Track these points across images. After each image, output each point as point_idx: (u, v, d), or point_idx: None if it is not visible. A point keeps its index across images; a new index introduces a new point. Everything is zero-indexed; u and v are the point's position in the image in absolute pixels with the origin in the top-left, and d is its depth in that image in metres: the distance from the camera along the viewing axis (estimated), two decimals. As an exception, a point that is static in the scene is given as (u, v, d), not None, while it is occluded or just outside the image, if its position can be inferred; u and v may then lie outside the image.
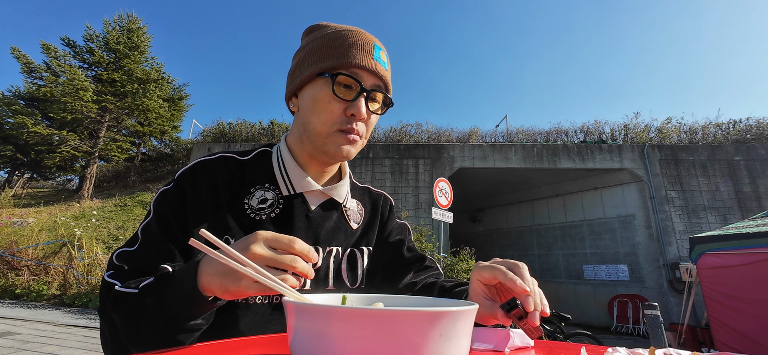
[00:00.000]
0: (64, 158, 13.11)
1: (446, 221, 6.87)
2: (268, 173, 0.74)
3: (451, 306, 0.34)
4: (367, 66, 0.66)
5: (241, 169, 0.73)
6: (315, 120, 0.68)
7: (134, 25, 14.50)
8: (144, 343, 0.51)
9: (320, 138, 0.68)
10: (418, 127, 12.47)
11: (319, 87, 0.67)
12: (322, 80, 0.67)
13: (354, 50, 0.67)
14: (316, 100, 0.68)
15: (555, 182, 11.33)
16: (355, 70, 0.66)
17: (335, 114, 0.67)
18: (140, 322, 0.51)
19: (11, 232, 8.75)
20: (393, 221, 0.92)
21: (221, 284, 0.47)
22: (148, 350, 0.50)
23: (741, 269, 4.54)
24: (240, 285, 0.46)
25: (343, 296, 0.50)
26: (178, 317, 0.50)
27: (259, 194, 0.71)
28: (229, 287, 0.47)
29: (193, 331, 0.53)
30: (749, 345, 4.26)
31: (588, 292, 10.19)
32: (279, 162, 0.74)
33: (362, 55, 0.67)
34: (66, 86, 12.14)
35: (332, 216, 0.77)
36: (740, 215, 8.66)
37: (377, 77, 0.68)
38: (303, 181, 0.73)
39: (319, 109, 0.67)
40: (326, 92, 0.66)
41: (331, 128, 0.67)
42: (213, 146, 12.46)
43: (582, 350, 0.42)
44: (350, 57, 0.66)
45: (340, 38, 0.68)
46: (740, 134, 10.57)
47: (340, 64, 0.66)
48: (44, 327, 5.17)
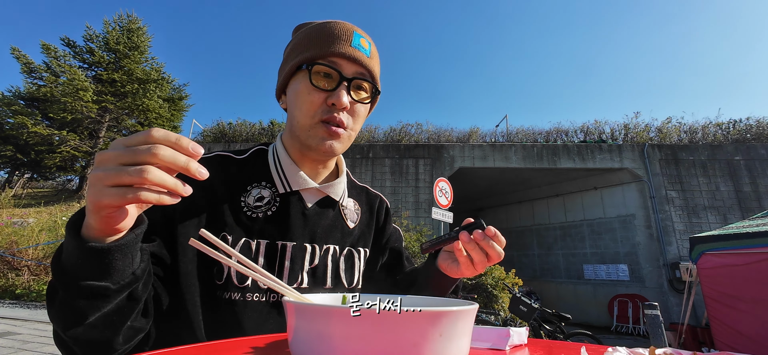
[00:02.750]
0: (64, 158, 13.10)
1: (446, 221, 6.87)
2: (264, 171, 0.74)
3: (452, 306, 0.34)
4: (346, 53, 0.66)
5: (237, 168, 0.72)
6: (297, 113, 0.68)
7: (134, 25, 14.50)
8: (60, 320, 0.46)
9: (304, 131, 0.68)
10: (418, 127, 12.48)
11: (299, 80, 0.68)
12: (301, 73, 0.67)
13: (330, 39, 0.66)
14: (297, 94, 0.68)
15: (555, 182, 11.33)
16: (332, 58, 0.66)
17: (315, 105, 0.66)
18: (54, 298, 0.46)
19: (11, 232, 8.74)
20: (390, 225, 0.92)
21: (90, 196, 0.39)
22: (69, 329, 0.45)
23: (741, 268, 4.54)
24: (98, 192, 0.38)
25: (343, 296, 0.50)
26: (70, 276, 0.43)
27: (256, 191, 0.70)
28: (91, 198, 0.39)
29: (97, 297, 0.44)
30: (749, 345, 4.26)
31: (588, 292, 10.19)
32: (275, 160, 0.74)
33: (339, 43, 0.66)
34: (66, 86, 12.13)
35: (329, 214, 0.76)
36: (740, 215, 8.66)
37: (358, 65, 0.67)
38: (298, 178, 0.73)
39: (300, 102, 0.67)
40: (305, 84, 0.66)
41: (313, 120, 0.67)
42: (213, 146, 12.46)
43: (582, 349, 0.42)
44: (326, 46, 0.66)
45: (318, 29, 0.68)
46: (740, 134, 10.56)
47: (317, 54, 0.65)
48: (44, 327, 5.17)
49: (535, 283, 11.29)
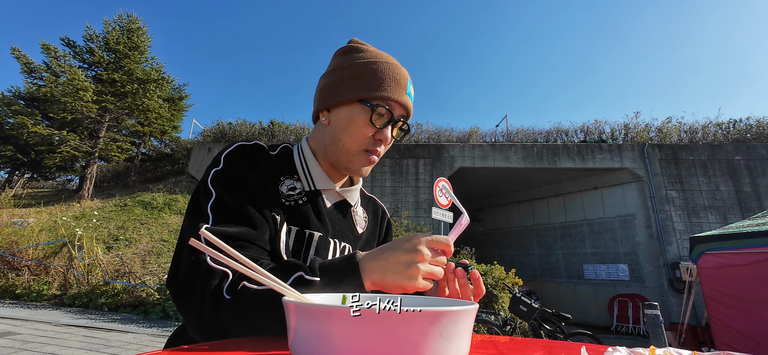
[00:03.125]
0: (64, 158, 13.08)
1: (446, 221, 6.87)
2: (290, 168, 0.80)
3: (452, 306, 0.34)
4: (401, 101, 0.74)
5: (272, 159, 0.79)
6: (346, 139, 0.75)
7: (134, 25, 14.49)
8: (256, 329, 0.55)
9: (347, 155, 0.76)
10: (418, 127, 12.47)
11: (357, 112, 0.74)
12: (360, 106, 0.74)
13: (393, 85, 0.74)
14: (351, 122, 0.74)
15: (555, 182, 11.33)
16: (391, 103, 0.73)
17: (365, 137, 0.74)
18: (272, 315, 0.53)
19: (11, 232, 8.74)
20: (391, 236, 1.00)
21: (394, 280, 0.53)
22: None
23: (741, 268, 4.54)
24: (417, 281, 0.53)
25: (343, 296, 0.50)
26: None
27: (289, 182, 0.77)
28: (402, 283, 0.53)
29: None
30: (749, 345, 4.26)
31: (588, 291, 10.19)
32: (301, 160, 0.81)
33: (399, 90, 0.74)
34: (66, 86, 12.12)
35: (343, 216, 0.84)
36: (740, 215, 8.66)
37: (405, 109, 0.76)
38: (323, 179, 0.80)
39: (353, 131, 0.74)
40: (363, 118, 0.73)
41: (359, 148, 0.75)
42: (213, 146, 12.46)
43: (582, 349, 0.42)
44: (389, 91, 0.73)
45: (381, 71, 0.74)
46: (740, 134, 10.56)
47: (380, 96, 0.73)
48: (45, 327, 5.17)
49: (535, 283, 11.29)
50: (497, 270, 6.68)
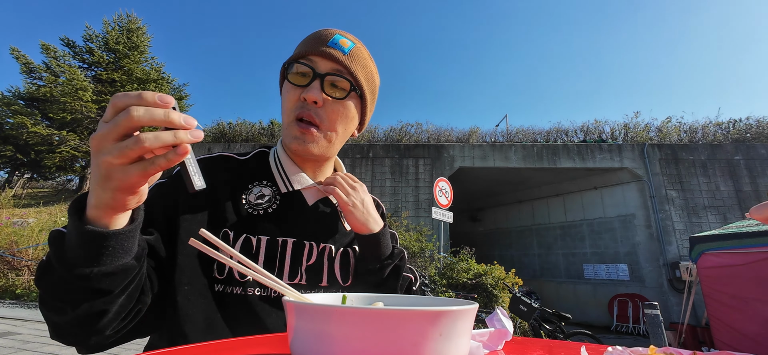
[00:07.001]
0: (64, 158, 13.09)
1: (446, 221, 6.87)
2: (265, 171, 0.76)
3: (452, 305, 0.34)
4: (322, 51, 0.68)
5: (239, 167, 0.75)
6: (283, 116, 0.73)
7: (134, 25, 14.49)
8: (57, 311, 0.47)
9: (284, 130, 0.73)
10: (418, 127, 12.47)
11: (284, 82, 0.73)
12: (286, 77, 0.72)
13: (311, 42, 0.70)
14: (282, 95, 0.73)
15: (555, 182, 11.33)
16: (310, 57, 0.69)
17: (292, 101, 0.70)
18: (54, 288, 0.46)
19: (11, 232, 8.74)
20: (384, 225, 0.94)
21: (101, 189, 0.40)
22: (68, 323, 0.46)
23: (741, 268, 4.54)
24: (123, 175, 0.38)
25: (343, 296, 0.50)
26: (74, 264, 0.44)
27: (257, 190, 0.73)
28: (106, 184, 0.39)
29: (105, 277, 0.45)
30: (749, 344, 4.26)
31: (588, 291, 10.20)
32: (276, 160, 0.77)
33: (318, 43, 0.69)
34: (65, 86, 12.13)
35: (327, 214, 0.79)
36: (740, 215, 8.67)
37: (334, 61, 0.69)
38: (299, 177, 0.76)
39: (283, 101, 0.72)
40: (285, 83, 0.72)
41: (290, 117, 0.70)
42: (213, 146, 12.46)
43: (582, 349, 0.42)
44: (306, 48, 0.70)
45: (305, 37, 0.73)
46: (740, 134, 10.56)
47: (297, 54, 0.70)
48: (44, 327, 5.17)
49: (535, 283, 11.29)
50: (497, 270, 6.68)
